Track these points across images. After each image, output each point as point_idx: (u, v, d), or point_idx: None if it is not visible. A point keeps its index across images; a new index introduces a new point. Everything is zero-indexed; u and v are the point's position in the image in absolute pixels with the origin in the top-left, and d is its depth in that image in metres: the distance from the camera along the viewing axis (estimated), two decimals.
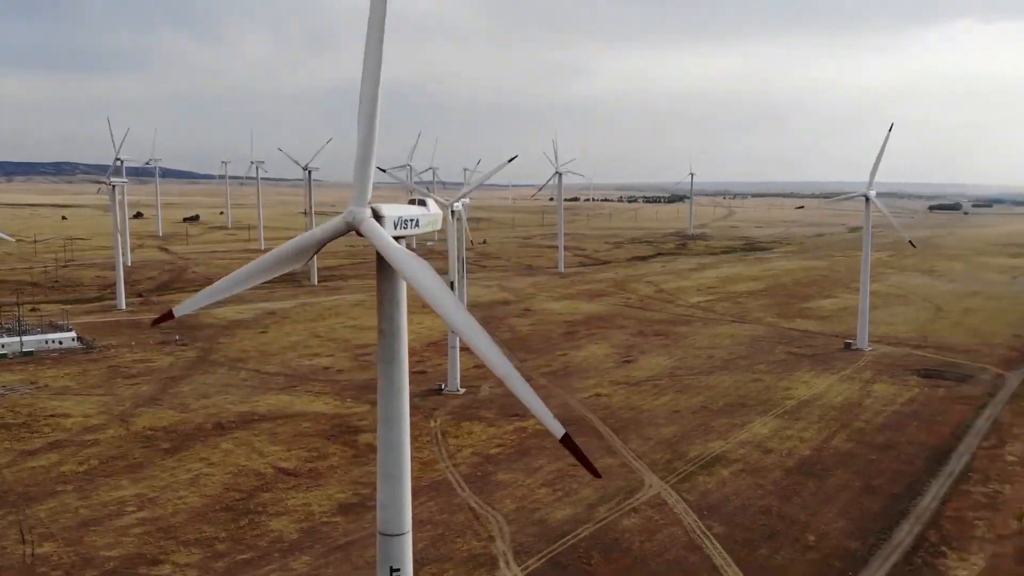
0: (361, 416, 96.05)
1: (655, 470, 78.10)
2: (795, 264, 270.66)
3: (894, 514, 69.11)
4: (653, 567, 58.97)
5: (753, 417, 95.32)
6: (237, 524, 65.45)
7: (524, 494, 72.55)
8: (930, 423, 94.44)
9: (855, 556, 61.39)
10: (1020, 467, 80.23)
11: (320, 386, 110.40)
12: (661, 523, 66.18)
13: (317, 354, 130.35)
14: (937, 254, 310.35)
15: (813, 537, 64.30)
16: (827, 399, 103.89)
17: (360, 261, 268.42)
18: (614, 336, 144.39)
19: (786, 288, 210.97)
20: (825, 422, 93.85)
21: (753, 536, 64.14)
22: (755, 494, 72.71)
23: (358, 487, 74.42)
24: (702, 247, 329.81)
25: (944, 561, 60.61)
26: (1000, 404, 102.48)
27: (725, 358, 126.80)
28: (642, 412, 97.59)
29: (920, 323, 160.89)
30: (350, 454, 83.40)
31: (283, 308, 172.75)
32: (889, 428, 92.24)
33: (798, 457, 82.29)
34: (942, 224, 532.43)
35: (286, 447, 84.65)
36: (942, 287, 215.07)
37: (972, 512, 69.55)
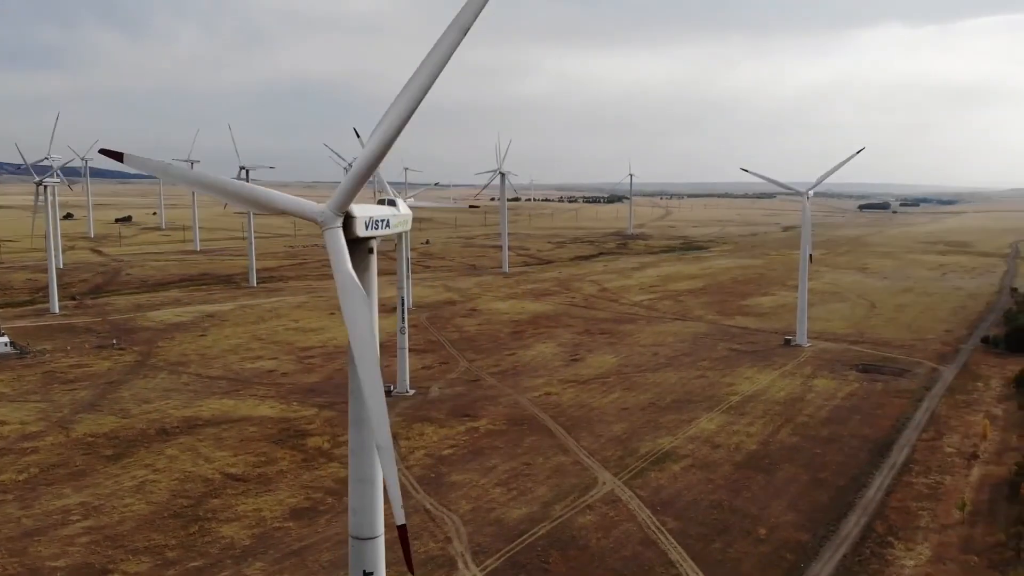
0: (308, 420, 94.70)
1: (607, 467, 78.69)
2: (732, 263, 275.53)
3: (841, 506, 70.84)
4: (610, 563, 59.38)
5: (700, 413, 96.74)
6: (187, 531, 63.90)
7: (479, 494, 72.38)
8: (871, 416, 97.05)
9: (806, 548, 62.73)
10: (959, 458, 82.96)
11: (265, 390, 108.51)
12: (616, 519, 66.70)
13: (260, 357, 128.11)
14: (869, 252, 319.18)
15: (764, 530, 65.52)
16: (770, 394, 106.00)
17: (299, 262, 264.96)
18: (561, 335, 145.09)
19: (725, 286, 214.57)
20: (770, 417, 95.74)
21: (706, 530, 65.08)
22: (706, 489, 73.79)
23: (309, 491, 73.37)
24: (642, 246, 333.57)
25: (891, 551, 62.34)
26: (936, 397, 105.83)
27: (670, 355, 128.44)
28: (592, 410, 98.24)
29: (856, 319, 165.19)
30: (299, 458, 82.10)
31: (222, 310, 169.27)
32: (832, 422, 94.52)
33: (746, 452, 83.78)
34: (872, 223, 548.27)
35: (233, 452, 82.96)
36: (875, 284, 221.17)
37: (916, 503, 71.68)
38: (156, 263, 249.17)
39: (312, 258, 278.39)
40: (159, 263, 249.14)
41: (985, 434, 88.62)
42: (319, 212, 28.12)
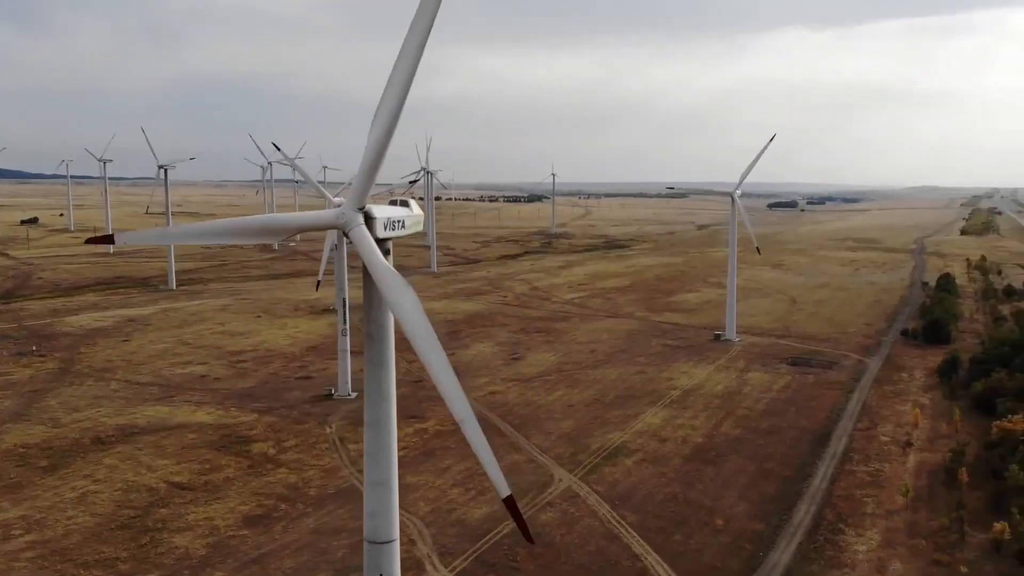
0: (249, 425, 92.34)
1: (562, 464, 79.16)
2: (654, 260, 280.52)
3: (790, 495, 72.94)
4: (577, 559, 59.80)
5: (644, 408, 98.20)
6: (138, 542, 61.58)
7: (437, 496, 71.89)
8: (806, 408, 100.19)
9: (762, 537, 64.38)
10: (894, 446, 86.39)
11: (199, 395, 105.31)
12: (577, 515, 67.18)
13: (189, 362, 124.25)
14: (782, 249, 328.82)
15: (721, 521, 66.95)
16: (708, 388, 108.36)
17: (219, 264, 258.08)
18: (498, 334, 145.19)
19: (650, 284, 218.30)
20: (711, 410, 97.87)
21: (665, 523, 66.15)
22: (659, 482, 74.99)
23: (261, 499, 71.61)
24: (566, 245, 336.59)
25: (843, 538, 64.52)
26: (866, 388, 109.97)
27: (607, 352, 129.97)
28: (538, 408, 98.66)
29: (779, 314, 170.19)
30: (245, 465, 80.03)
31: (144, 315, 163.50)
32: (770, 414, 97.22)
33: (693, 445, 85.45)
34: (782, 221, 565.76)
35: (175, 460, 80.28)
36: (792, 280, 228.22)
37: (860, 490, 74.33)
38: (68, 266, 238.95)
39: (231, 259, 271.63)
40: (72, 266, 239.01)
41: (916, 423, 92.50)
42: (337, 216, 27.49)
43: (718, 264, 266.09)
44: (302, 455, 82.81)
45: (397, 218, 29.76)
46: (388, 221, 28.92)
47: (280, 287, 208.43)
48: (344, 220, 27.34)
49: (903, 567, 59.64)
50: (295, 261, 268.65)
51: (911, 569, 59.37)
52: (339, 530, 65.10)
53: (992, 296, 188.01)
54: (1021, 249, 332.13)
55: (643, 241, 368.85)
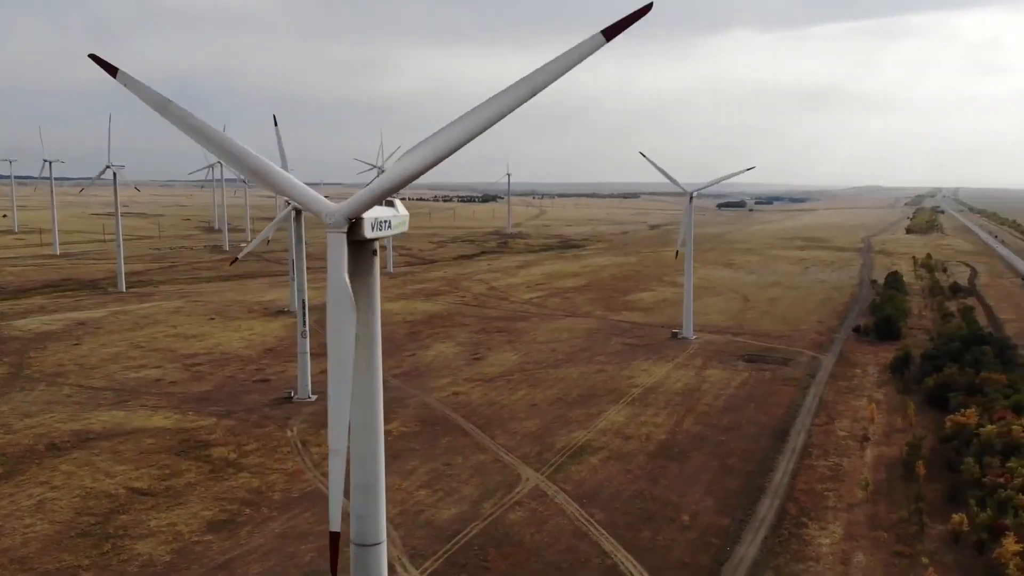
0: (208, 430, 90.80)
1: (528, 463, 79.29)
2: (609, 260, 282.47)
3: (753, 490, 74.01)
4: (548, 557, 59.95)
5: (606, 406, 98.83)
6: (99, 550, 60.18)
7: (404, 497, 71.43)
8: (764, 404, 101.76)
9: (728, 532, 65.24)
10: (852, 441, 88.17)
11: (155, 400, 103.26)
12: (546, 514, 67.35)
13: (143, 366, 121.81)
14: (733, 248, 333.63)
15: (687, 517, 67.70)
16: (668, 385, 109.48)
17: (168, 265, 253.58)
18: (458, 334, 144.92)
19: (606, 283, 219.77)
20: (672, 407, 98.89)
21: (633, 520, 66.65)
22: (625, 479, 75.55)
23: (223, 503, 70.47)
24: (522, 245, 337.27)
25: (807, 532, 65.67)
26: (821, 384, 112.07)
27: (568, 351, 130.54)
28: (502, 407, 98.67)
29: (733, 312, 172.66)
30: (206, 470, 78.67)
31: (94, 318, 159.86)
32: (730, 410, 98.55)
33: (656, 442, 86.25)
34: (732, 220, 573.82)
35: (134, 466, 78.61)
36: (744, 279, 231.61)
37: (820, 485, 75.73)
38: (13, 268, 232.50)
39: (181, 261, 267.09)
40: (17, 268, 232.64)
41: (872, 417, 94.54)
42: (331, 212, 27.10)
43: (671, 263, 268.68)
44: (264, 459, 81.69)
45: (384, 218, 29.48)
46: (375, 221, 28.64)
47: (232, 289, 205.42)
48: (331, 220, 26.99)
49: (866, 559, 60.89)
50: (246, 262, 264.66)
51: (874, 561, 60.65)
52: (305, 534, 64.37)
53: (939, 293, 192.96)
54: (965, 247, 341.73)
55: (597, 241, 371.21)
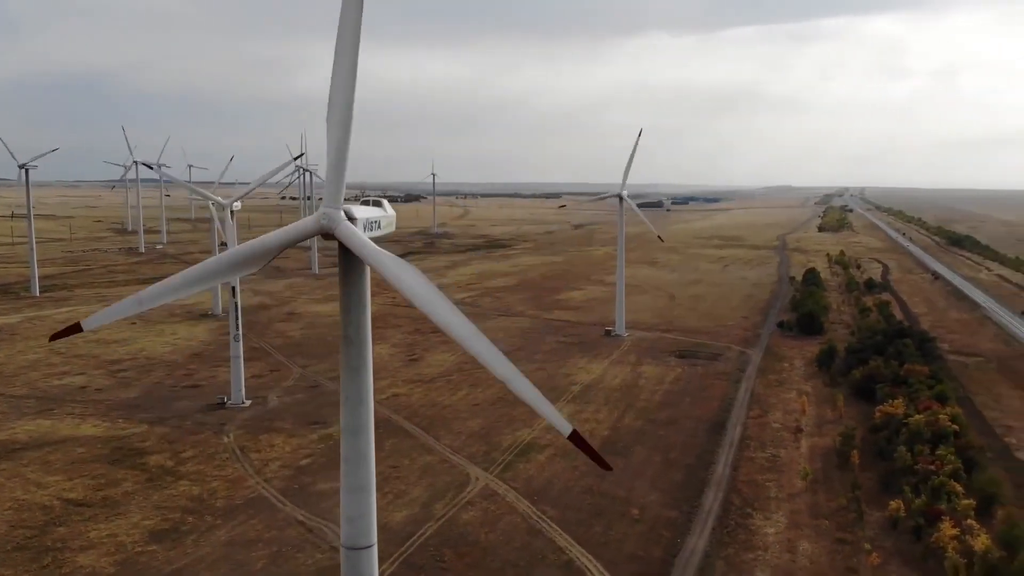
0: (141, 437, 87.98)
1: (476, 462, 79.25)
2: (537, 260, 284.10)
3: (697, 483, 75.61)
4: (504, 555, 60.08)
5: None
6: (39, 563, 57.72)
7: None
8: (699, 398, 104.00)
9: (677, 524, 66.50)
10: (786, 432, 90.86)
11: (81, 407, 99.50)
12: (498, 513, 67.46)
13: (66, 372, 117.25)
14: (654, 247, 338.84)
15: (636, 511, 68.75)
16: (606, 382, 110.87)
17: (83, 268, 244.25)
18: (392, 335, 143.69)
19: (536, 282, 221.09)
20: (612, 403, 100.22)
21: (584, 515, 67.33)
22: (573, 475, 76.22)
23: (164, 512, 68.39)
24: (449, 245, 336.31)
25: (752, 521, 67.44)
26: (752, 378, 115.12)
27: (504, 350, 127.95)
28: (444, 408, 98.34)
29: (660, 310, 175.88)
30: (143, 478, 76.20)
31: (9, 324, 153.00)
32: (667, 405, 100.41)
33: (600, 438, 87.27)
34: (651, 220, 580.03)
35: (66, 476, 75.62)
36: (668, 277, 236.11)
37: (761, 475, 77.85)
38: None
39: (96, 263, 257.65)
40: None
41: (804, 409, 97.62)
42: (319, 217, 26.70)
43: (598, 262, 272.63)
44: (202, 466, 79.57)
45: (374, 218, 29.16)
46: (367, 222, 28.30)
47: None
48: (327, 221, 26.58)
49: (811, 547, 62.89)
50: (163, 264, 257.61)
51: (818, 548, 62.68)
52: (254, 541, 63.00)
53: (855, 289, 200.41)
54: (875, 244, 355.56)
55: (523, 240, 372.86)
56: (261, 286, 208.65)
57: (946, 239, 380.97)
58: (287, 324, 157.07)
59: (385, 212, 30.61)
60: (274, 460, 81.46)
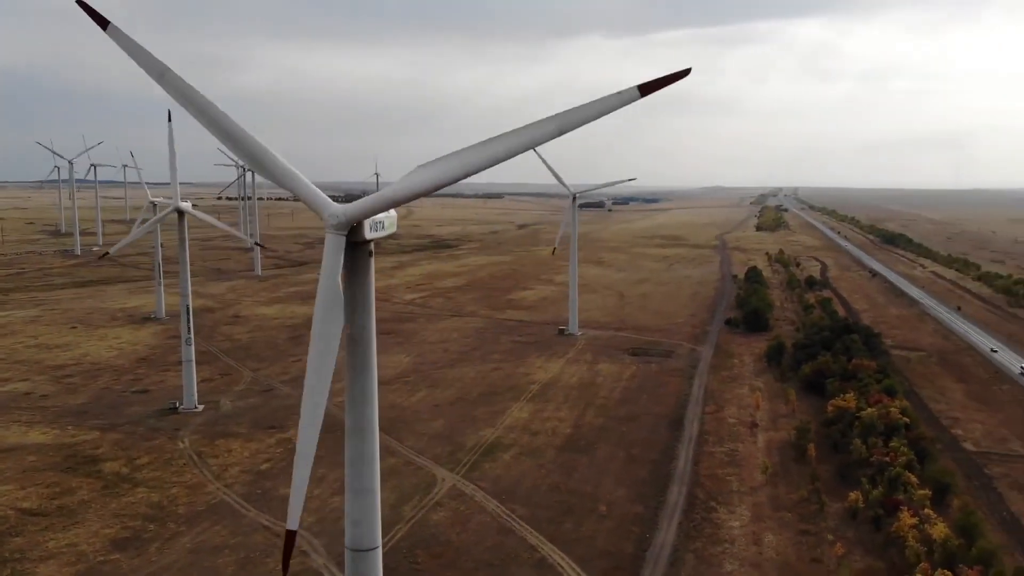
0: (93, 444, 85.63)
1: (441, 463, 79.02)
2: (485, 260, 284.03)
3: (661, 478, 76.63)
4: (477, 555, 60.08)
5: (508, 403, 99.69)
6: None
7: (318, 505, 69.72)
8: (656, 395, 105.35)
9: (644, 519, 67.34)
10: (742, 427, 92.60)
11: (28, 414, 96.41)
12: (468, 513, 67.41)
13: (8, 379, 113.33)
14: (600, 247, 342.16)
15: (604, 507, 69.38)
16: (564, 381, 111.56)
17: (16, 272, 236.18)
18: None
19: (486, 282, 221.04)
20: (572, 402, 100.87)
21: (553, 513, 67.70)
22: (539, 474, 76.58)
23: (124, 520, 66.73)
24: (395, 246, 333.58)
25: (717, 515, 68.63)
26: (704, 374, 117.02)
27: (460, 351, 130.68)
28: (404, 410, 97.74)
29: (610, 308, 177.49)
30: (99, 486, 74.19)
31: None
32: (626, 402, 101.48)
33: (563, 436, 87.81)
34: (593, 220, 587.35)
35: (19, 485, 73.19)
36: (615, 276, 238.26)
37: (721, 470, 79.24)
38: None
39: (30, 267, 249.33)
40: None
41: (758, 404, 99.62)
42: (335, 213, 26.36)
43: (545, 262, 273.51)
44: (159, 473, 77.81)
45: (379, 219, 28.92)
46: (373, 223, 28.10)
47: (90, 295, 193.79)
48: (334, 220, 26.32)
49: (776, 539, 64.29)
50: (101, 267, 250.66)
51: (783, 540, 64.11)
52: (220, 548, 61.86)
53: (797, 286, 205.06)
54: (812, 243, 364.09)
55: (469, 241, 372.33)
56: (204, 288, 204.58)
57: (880, 237, 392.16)
58: (234, 327, 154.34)
59: (388, 213, 30.36)
60: (233, 465, 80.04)
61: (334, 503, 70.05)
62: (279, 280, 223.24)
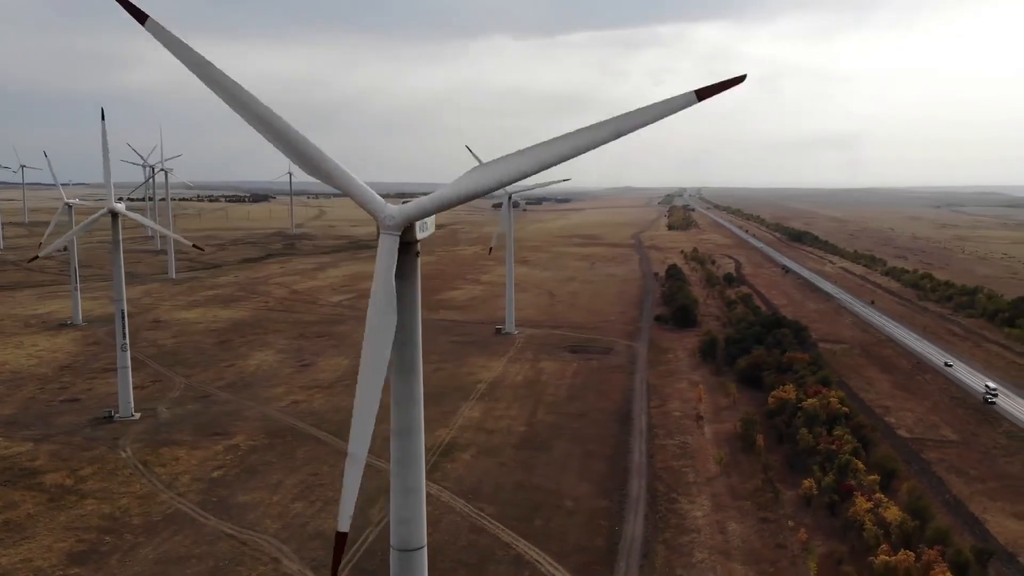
0: (29, 456, 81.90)
1: None
2: None
3: (619, 472, 77.97)
4: (453, 554, 60.04)
5: (458, 403, 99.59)
6: None
7: (280, 511, 68.42)
8: (601, 391, 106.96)
9: (611, 513, 68.44)
10: (688, 420, 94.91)
11: None
12: (437, 514, 67.15)
13: None
14: (521, 246, 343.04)
15: (570, 502, 70.22)
16: (510, 379, 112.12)
17: None
18: (275, 341, 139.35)
19: None
20: (521, 400, 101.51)
21: (522, 510, 68.15)
22: (501, 472, 76.92)
23: (78, 533, 64.16)
24: (310, 247, 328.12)
25: (680, 506, 70.28)
26: (644, 370, 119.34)
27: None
28: (350, 413, 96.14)
29: (543, 307, 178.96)
30: (44, 499, 71.06)
31: None
32: (574, 399, 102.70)
33: (518, 434, 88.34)
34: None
35: None
36: (541, 275, 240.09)
37: (676, 462, 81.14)
38: None
39: None
40: None
41: (700, 398, 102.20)
42: (391, 214, 26.18)
43: (468, 262, 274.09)
44: (106, 483, 74.95)
45: (425, 220, 28.84)
46: (421, 224, 28.04)
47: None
48: (390, 221, 26.16)
49: (739, 527, 66.28)
50: (5, 271, 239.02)
51: (745, 528, 66.15)
52: (185, 558, 60.07)
53: (717, 283, 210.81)
54: (722, 241, 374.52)
55: None
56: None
57: (786, 235, 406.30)
58: (157, 332, 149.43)
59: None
60: (183, 474, 77.68)
61: (296, 509, 68.94)
62: (195, 283, 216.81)
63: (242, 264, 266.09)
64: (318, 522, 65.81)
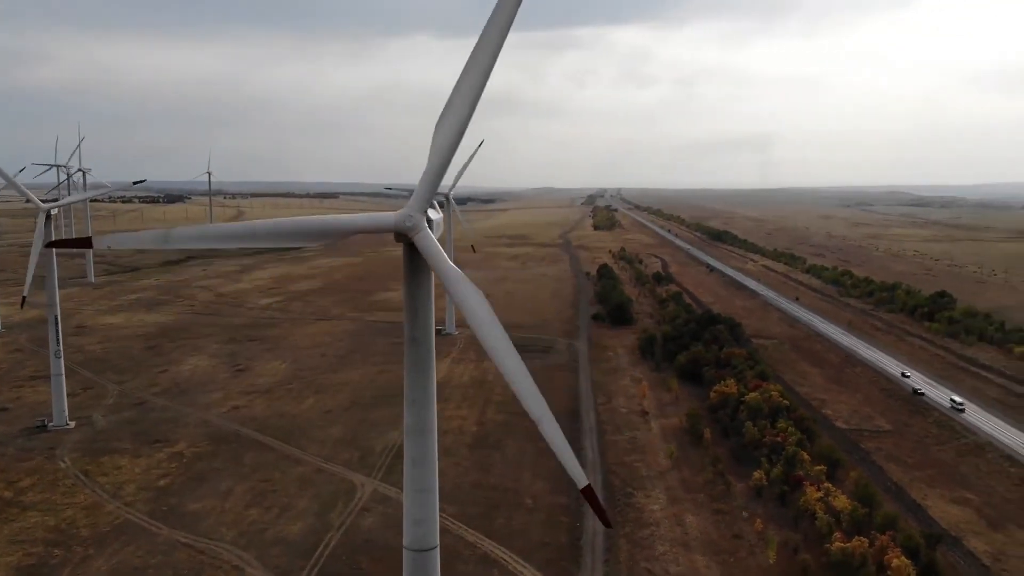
0: None
1: (354, 469, 77.69)
2: (337, 261, 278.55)
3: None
4: None
5: None
6: None
7: (235, 519, 67.02)
8: (548, 389, 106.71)
9: (570, 510, 69.17)
10: (636, 416, 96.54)
11: None
12: (397, 516, 65.77)
13: None
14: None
15: (530, 500, 70.73)
16: (456, 380, 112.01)
17: None
18: (207, 346, 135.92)
19: (343, 284, 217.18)
20: (470, 400, 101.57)
21: (483, 509, 68.36)
22: (458, 472, 76.91)
23: (24, 546, 61.82)
24: (233, 248, 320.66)
25: (637, 500, 71.54)
26: (586, 368, 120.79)
27: (339, 355, 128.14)
28: (295, 418, 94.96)
29: None
30: None
31: None
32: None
33: (471, 434, 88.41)
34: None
35: None
36: (474, 275, 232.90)
37: (628, 457, 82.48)
38: None
39: None
40: None
41: (644, 394, 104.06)
42: (403, 219, 26.13)
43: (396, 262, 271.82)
44: (47, 495, 72.21)
45: (436, 219, 28.86)
46: (435, 223, 28.06)
47: None
48: (411, 224, 26.11)
49: (695, 519, 67.84)
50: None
51: (702, 520, 67.75)
52: (141, 568, 58.39)
53: (646, 282, 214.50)
54: (647, 241, 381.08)
55: None
56: (38, 298, 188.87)
57: (707, 234, 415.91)
58: (82, 338, 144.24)
59: (438, 213, 30.29)
60: (127, 483, 75.34)
61: (251, 515, 67.64)
62: (115, 287, 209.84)
63: (163, 267, 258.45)
64: (277, 528, 64.71)
